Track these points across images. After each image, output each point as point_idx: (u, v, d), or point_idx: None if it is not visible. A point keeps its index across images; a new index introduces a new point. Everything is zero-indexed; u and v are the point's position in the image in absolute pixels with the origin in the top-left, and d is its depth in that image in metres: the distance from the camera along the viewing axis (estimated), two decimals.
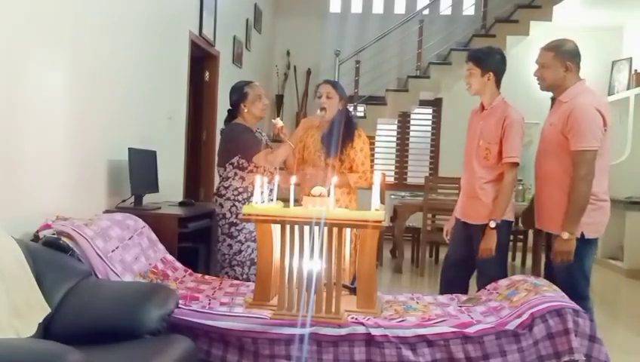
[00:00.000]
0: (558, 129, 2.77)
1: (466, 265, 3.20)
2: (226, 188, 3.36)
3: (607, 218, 2.83)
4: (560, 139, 2.77)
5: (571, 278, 2.76)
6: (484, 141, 3.06)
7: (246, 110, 3.40)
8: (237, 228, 3.32)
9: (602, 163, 2.76)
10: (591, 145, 2.69)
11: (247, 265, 3.31)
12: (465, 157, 3.23)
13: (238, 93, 3.43)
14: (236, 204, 3.32)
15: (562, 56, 2.81)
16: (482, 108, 3.17)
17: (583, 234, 2.74)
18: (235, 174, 3.34)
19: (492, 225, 2.97)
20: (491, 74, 3.05)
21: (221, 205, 3.36)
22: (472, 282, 3.24)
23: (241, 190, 3.33)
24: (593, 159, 2.70)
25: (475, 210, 3.12)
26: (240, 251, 3.32)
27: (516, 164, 3.00)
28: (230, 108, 3.51)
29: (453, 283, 3.21)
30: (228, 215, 3.33)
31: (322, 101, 3.39)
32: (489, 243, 3.00)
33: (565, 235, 2.72)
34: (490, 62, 3.07)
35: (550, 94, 2.99)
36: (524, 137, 3.05)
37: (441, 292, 3.17)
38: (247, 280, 3.25)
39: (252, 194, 3.27)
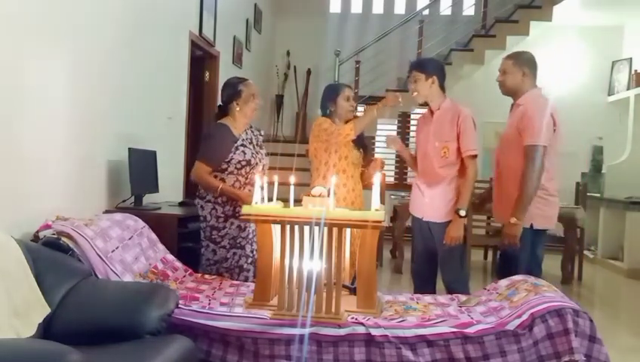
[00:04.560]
0: (515, 128, 3.07)
1: (434, 259, 3.35)
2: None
3: (556, 211, 3.17)
4: (519, 138, 3.05)
5: (526, 265, 3.05)
6: (440, 141, 3.25)
7: (238, 109, 3.23)
8: (219, 233, 3.19)
9: (551, 162, 3.06)
10: (541, 142, 2.98)
11: (235, 272, 3.20)
12: (420, 161, 3.40)
13: (232, 91, 3.25)
14: (216, 206, 3.18)
15: (520, 64, 3.15)
16: (431, 112, 3.36)
17: (532, 225, 3.05)
18: (215, 176, 3.17)
19: (462, 213, 3.17)
20: (435, 77, 3.27)
21: (202, 207, 3.22)
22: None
23: None
24: (543, 154, 2.99)
25: (438, 210, 3.27)
26: (226, 258, 3.20)
27: (476, 156, 3.23)
28: (221, 104, 3.33)
29: (427, 279, 3.41)
30: (209, 218, 3.19)
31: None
32: (458, 231, 3.20)
33: (513, 220, 3.00)
34: (432, 68, 3.30)
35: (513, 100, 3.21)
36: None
37: (416, 290, 3.34)
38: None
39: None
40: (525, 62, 3.15)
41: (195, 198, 3.31)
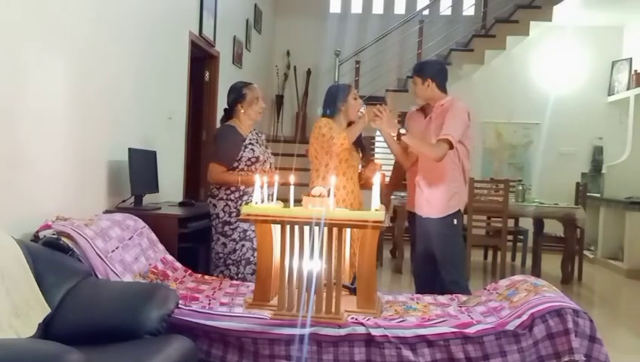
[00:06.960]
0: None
1: (435, 259, 3.34)
2: (218, 188, 3.39)
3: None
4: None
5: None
6: (437, 136, 3.25)
7: (242, 111, 3.42)
8: (231, 226, 3.33)
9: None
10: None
11: (242, 264, 3.32)
12: (420, 159, 3.40)
13: (236, 94, 3.45)
14: (229, 203, 3.35)
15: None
16: (423, 111, 3.48)
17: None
18: None
19: (402, 131, 3.21)
20: (430, 80, 3.32)
21: (215, 205, 3.38)
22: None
23: (233, 188, 3.35)
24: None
25: (436, 206, 3.30)
26: (234, 250, 3.33)
27: (449, 143, 3.14)
28: (227, 107, 3.53)
29: (428, 279, 3.40)
30: (221, 214, 3.36)
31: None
32: (383, 120, 3.28)
33: None
34: (429, 71, 3.36)
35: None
36: (469, 126, 3.29)
37: (418, 291, 3.33)
38: (244, 279, 3.26)
39: (244, 193, 3.30)
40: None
41: (197, 198, 3.37)
